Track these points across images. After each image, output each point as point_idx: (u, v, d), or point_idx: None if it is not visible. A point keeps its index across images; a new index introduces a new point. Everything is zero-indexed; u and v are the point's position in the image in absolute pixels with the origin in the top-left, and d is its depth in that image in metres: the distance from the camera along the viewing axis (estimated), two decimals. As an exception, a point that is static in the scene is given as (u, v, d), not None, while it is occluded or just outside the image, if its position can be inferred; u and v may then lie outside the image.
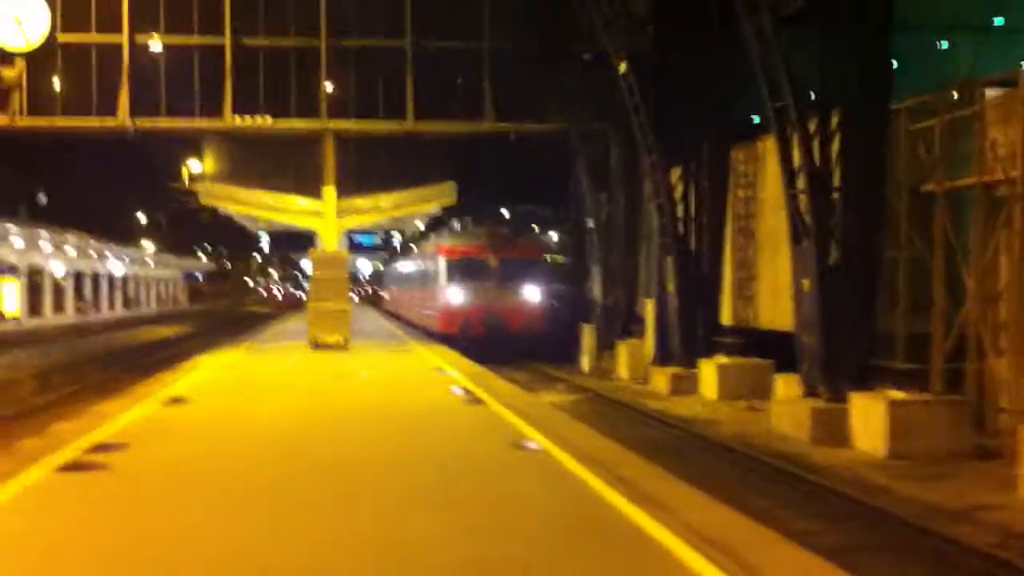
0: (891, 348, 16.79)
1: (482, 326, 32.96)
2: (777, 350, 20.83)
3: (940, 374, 15.93)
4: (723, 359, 22.56)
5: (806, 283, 17.23)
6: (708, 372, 22.61)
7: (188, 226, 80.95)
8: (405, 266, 54.71)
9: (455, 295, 34.29)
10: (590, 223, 32.77)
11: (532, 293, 34.52)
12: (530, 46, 32.61)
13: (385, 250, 75.51)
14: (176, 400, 15.93)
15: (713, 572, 6.38)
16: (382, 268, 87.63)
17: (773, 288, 22.85)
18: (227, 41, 32.41)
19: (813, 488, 13.03)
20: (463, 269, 34.46)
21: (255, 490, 9.15)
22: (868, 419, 15.35)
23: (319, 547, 7.11)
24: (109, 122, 31.99)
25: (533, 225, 45.05)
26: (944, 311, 16.29)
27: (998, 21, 25.33)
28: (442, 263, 35.00)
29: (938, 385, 15.80)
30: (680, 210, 24.63)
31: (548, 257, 36.42)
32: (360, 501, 8.66)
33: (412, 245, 57.68)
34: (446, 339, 31.70)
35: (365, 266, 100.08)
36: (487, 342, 31.64)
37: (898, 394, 15.27)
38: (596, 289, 32.22)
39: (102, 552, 7.06)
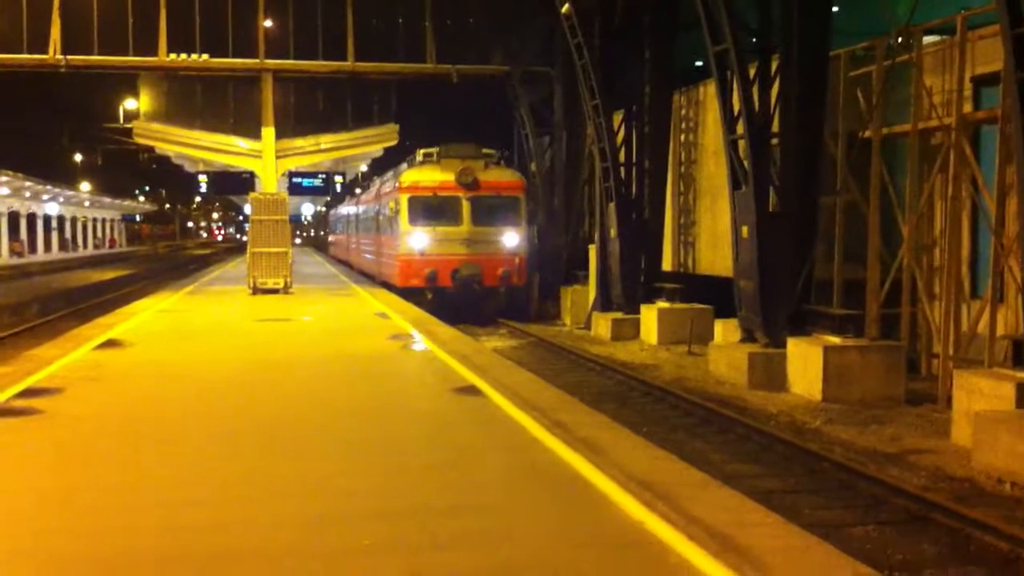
0: (828, 294, 17.01)
1: (452, 279, 27.88)
2: (717, 296, 21.02)
3: (875, 319, 16.19)
4: (664, 305, 22.72)
5: (745, 229, 17.34)
6: (649, 317, 22.76)
7: (127, 167, 79.59)
8: (357, 206, 47.09)
9: (419, 241, 28.40)
10: (533, 167, 32.67)
11: (511, 239, 28.84)
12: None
13: (328, 193, 74.08)
14: (113, 344, 15.71)
15: (647, 515, 6.44)
16: (326, 210, 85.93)
17: (713, 234, 23.01)
18: (162, -28, 31.69)
19: (748, 431, 13.21)
20: (429, 209, 28.57)
21: (189, 437, 9.06)
22: (804, 364, 15.57)
23: (256, 495, 7.07)
24: (40, 58, 31.24)
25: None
26: (879, 257, 16.51)
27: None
28: (403, 202, 28.78)
29: (873, 330, 16.06)
30: (622, 155, 24.62)
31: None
32: (299, 448, 8.61)
33: (366, 182, 52.09)
34: (407, 294, 26.99)
35: (308, 209, 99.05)
36: (458, 298, 27.75)
37: (834, 339, 15.49)
38: (540, 234, 32.23)
39: (30, 497, 6.98)
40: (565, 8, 24.54)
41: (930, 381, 15.43)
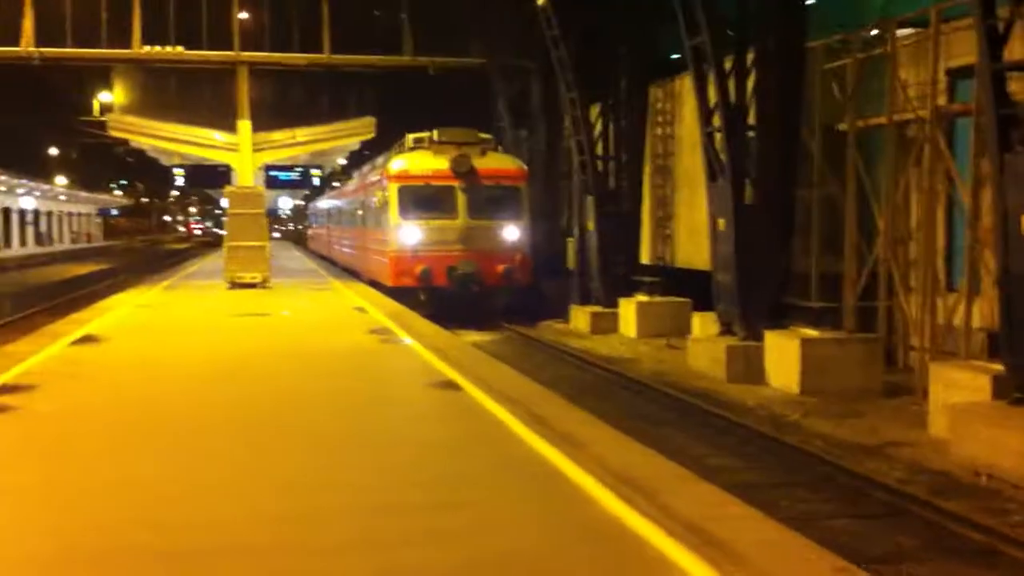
0: (806, 287, 17.07)
1: (447, 277, 25.04)
2: (695, 288, 21.06)
3: (852, 312, 16.25)
4: (643, 298, 22.75)
5: (721, 222, 17.39)
6: (628, 311, 22.80)
7: (102, 161, 79.07)
8: (339, 198, 43.69)
9: (410, 236, 25.53)
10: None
11: (512, 233, 26.04)
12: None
13: (306, 186, 73.29)
14: (89, 340, 15.60)
15: (626, 510, 6.44)
16: (304, 204, 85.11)
17: (690, 227, 23.05)
18: (135, -36, 31.40)
19: (728, 425, 13.24)
20: (422, 200, 25.78)
21: (170, 433, 9.00)
22: (782, 356, 15.61)
23: (238, 491, 7.02)
24: (13, 51, 30.94)
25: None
26: (856, 249, 16.56)
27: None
28: (393, 192, 25.98)
29: (850, 323, 16.12)
30: (600, 148, 24.65)
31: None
32: (274, 444, 8.56)
33: (347, 172, 49.28)
34: (398, 294, 24.51)
35: (286, 203, 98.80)
36: (455, 299, 24.81)
37: (811, 332, 15.54)
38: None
39: (6, 497, 6.91)
40: (542, 1, 24.51)
41: (907, 373, 15.50)
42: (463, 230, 25.65)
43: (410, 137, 27.30)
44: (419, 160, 26.31)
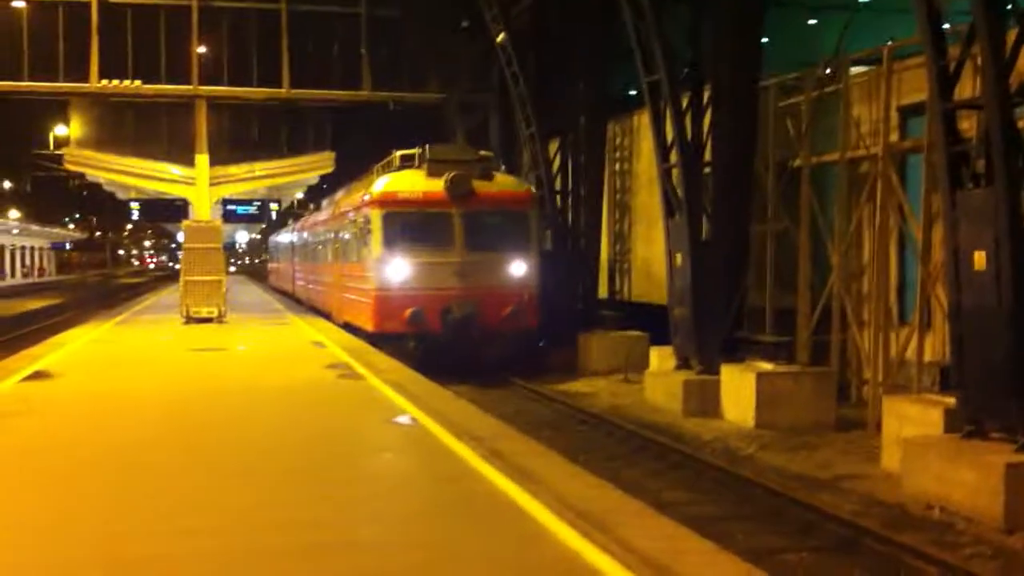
0: (760, 321, 17.23)
1: (442, 320, 20.89)
2: (651, 323, 21.15)
3: (806, 346, 16.43)
4: (600, 332, 22.82)
5: (678, 257, 17.55)
6: (586, 345, 22.85)
7: (56, 194, 78.32)
8: (307, 229, 38.59)
9: (397, 271, 21.36)
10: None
11: (519, 268, 22.05)
12: (409, 13, 32.37)
13: (263, 220, 72.56)
14: (40, 375, 15.41)
15: (583, 544, 6.46)
16: (261, 237, 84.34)
17: (647, 262, 23.23)
18: (93, -2, 31.28)
19: (683, 459, 13.31)
20: (411, 229, 21.70)
21: (118, 468, 8.91)
22: (737, 390, 15.73)
23: (187, 529, 6.96)
24: (-33, 84, 30.69)
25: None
26: (810, 284, 16.78)
27: (867, -1, 26.07)
28: (376, 219, 21.78)
29: (804, 356, 16.29)
30: (558, 182, 24.80)
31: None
32: (229, 480, 8.50)
33: (318, 199, 44.20)
34: (382, 340, 20.99)
35: (243, 237, 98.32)
36: (450, 347, 20.86)
37: (766, 365, 15.68)
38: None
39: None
40: (500, 38, 24.72)
41: (860, 407, 15.66)
42: (460, 264, 21.48)
43: (397, 154, 23.21)
44: (408, 181, 22.03)
